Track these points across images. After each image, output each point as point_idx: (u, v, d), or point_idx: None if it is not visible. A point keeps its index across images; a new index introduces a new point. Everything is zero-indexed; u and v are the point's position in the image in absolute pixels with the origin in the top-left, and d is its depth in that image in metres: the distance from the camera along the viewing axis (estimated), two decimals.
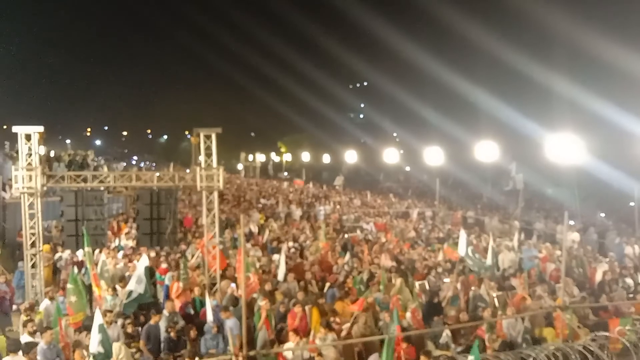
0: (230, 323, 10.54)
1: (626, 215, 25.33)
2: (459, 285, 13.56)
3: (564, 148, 21.81)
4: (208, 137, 13.90)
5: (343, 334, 10.66)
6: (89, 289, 13.91)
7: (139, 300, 11.85)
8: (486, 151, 28.72)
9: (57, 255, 15.76)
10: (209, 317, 11.23)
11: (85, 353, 9.41)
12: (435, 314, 11.88)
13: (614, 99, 28.38)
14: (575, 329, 10.81)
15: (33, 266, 13.19)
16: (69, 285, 11.25)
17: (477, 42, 42.42)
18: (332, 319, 11.26)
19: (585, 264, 16.36)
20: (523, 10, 39.83)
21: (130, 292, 11.80)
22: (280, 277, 14.05)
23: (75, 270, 12.57)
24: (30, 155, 12.88)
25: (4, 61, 76.55)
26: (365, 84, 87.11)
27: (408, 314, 11.54)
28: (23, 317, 10.80)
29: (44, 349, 9.15)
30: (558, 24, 36.78)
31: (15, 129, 12.92)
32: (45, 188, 13.55)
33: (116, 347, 9.16)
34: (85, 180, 13.58)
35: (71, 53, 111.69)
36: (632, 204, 21.87)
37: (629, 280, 14.91)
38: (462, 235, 16.05)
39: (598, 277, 15.06)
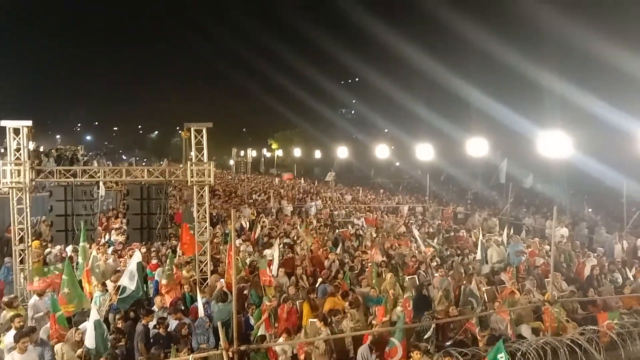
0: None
1: (614, 211, 25.54)
2: (450, 280, 13.65)
3: (554, 144, 21.93)
4: (199, 131, 13.86)
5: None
6: (80, 283, 13.86)
7: (133, 297, 11.75)
8: (477, 147, 28.83)
9: (46, 251, 15.66)
10: (200, 312, 11.22)
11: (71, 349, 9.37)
12: (424, 309, 11.95)
13: (604, 96, 28.58)
14: (564, 322, 10.90)
15: (21, 262, 13.10)
16: (64, 277, 11.21)
17: (469, 39, 42.61)
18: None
19: (574, 259, 16.50)
20: (515, 8, 40.02)
21: (123, 289, 11.69)
22: (274, 272, 14.07)
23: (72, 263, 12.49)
24: (19, 150, 12.78)
25: None
26: (356, 80, 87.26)
27: (398, 308, 11.59)
28: (5, 313, 10.70)
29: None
30: (549, 21, 36.98)
31: (3, 123, 12.78)
32: (34, 183, 13.46)
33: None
34: (74, 175, 13.50)
35: (62, 47, 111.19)
36: (623, 200, 22.03)
37: (618, 275, 15.06)
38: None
39: (587, 271, 15.19)
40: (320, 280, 13.81)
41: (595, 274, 14.65)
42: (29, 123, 12.89)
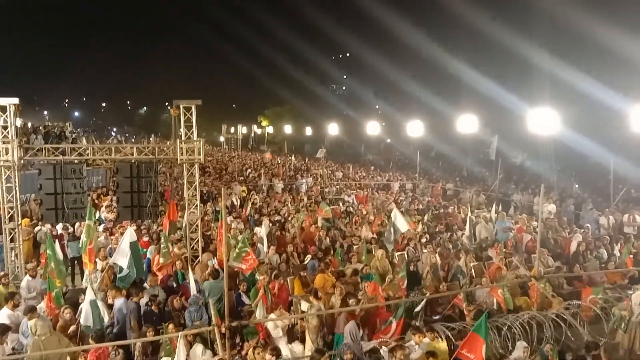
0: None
1: (601, 188, 25.83)
2: (437, 257, 13.82)
3: (543, 121, 22.06)
4: (188, 109, 13.76)
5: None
6: (72, 261, 13.81)
7: (131, 277, 11.70)
8: (467, 124, 28.90)
9: (36, 229, 15.63)
10: (193, 289, 11.29)
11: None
12: (413, 284, 12.12)
13: (592, 73, 28.65)
14: (550, 297, 11.11)
15: (12, 240, 13.08)
16: (48, 252, 11.24)
17: (460, 16, 42.39)
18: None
19: (561, 235, 16.73)
20: None
21: (121, 268, 11.64)
22: (264, 250, 14.16)
23: (57, 242, 12.45)
24: (6, 127, 12.64)
25: None
26: (347, 55, 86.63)
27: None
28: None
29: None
30: None
31: None
32: (22, 161, 13.36)
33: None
34: (63, 152, 13.39)
35: (48, 22, 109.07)
36: (610, 177, 22.30)
37: (603, 251, 15.31)
38: None
39: (573, 247, 15.44)
40: (309, 256, 13.95)
41: (581, 250, 14.90)
42: (16, 100, 12.72)
